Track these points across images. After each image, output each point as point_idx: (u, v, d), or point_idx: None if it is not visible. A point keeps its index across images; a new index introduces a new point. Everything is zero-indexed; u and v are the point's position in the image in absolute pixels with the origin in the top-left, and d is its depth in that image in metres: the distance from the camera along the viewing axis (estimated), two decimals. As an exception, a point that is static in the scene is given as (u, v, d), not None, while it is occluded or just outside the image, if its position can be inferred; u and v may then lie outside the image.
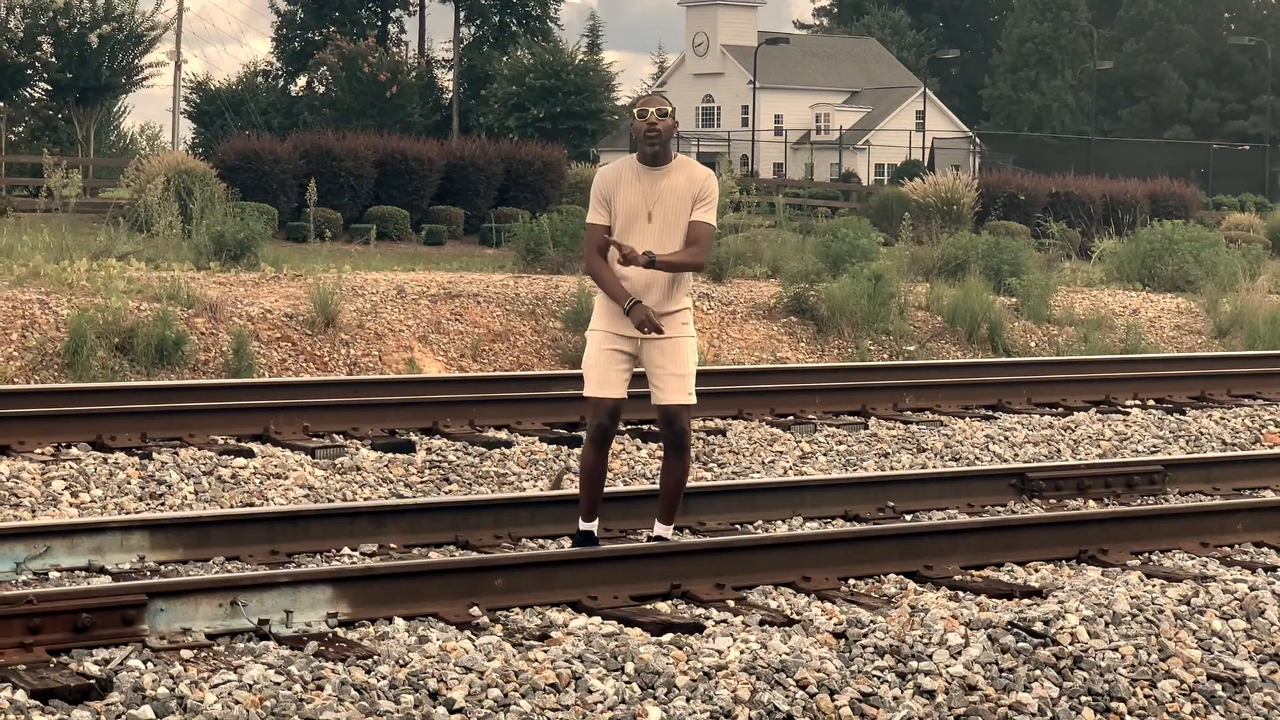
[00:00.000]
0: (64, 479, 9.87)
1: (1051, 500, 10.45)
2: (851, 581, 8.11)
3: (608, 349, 8.18)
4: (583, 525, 8.40)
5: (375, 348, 18.44)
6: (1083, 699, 6.46)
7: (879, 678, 6.42)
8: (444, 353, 18.90)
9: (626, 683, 6.20)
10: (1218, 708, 6.56)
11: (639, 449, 11.58)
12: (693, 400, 8.28)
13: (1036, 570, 8.52)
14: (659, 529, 8.46)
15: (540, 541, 8.87)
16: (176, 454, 10.57)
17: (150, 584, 6.87)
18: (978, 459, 12.18)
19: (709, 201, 8.17)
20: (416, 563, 7.68)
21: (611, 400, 8.19)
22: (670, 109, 8.17)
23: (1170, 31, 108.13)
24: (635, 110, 8.18)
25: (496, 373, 17.84)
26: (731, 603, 7.61)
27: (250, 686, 5.97)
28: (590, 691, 6.10)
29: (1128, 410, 14.24)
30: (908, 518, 9.86)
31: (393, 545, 8.64)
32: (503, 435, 11.87)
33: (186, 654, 6.49)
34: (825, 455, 11.94)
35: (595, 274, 8.25)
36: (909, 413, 13.67)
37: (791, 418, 13.08)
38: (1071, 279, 27.99)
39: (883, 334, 21.70)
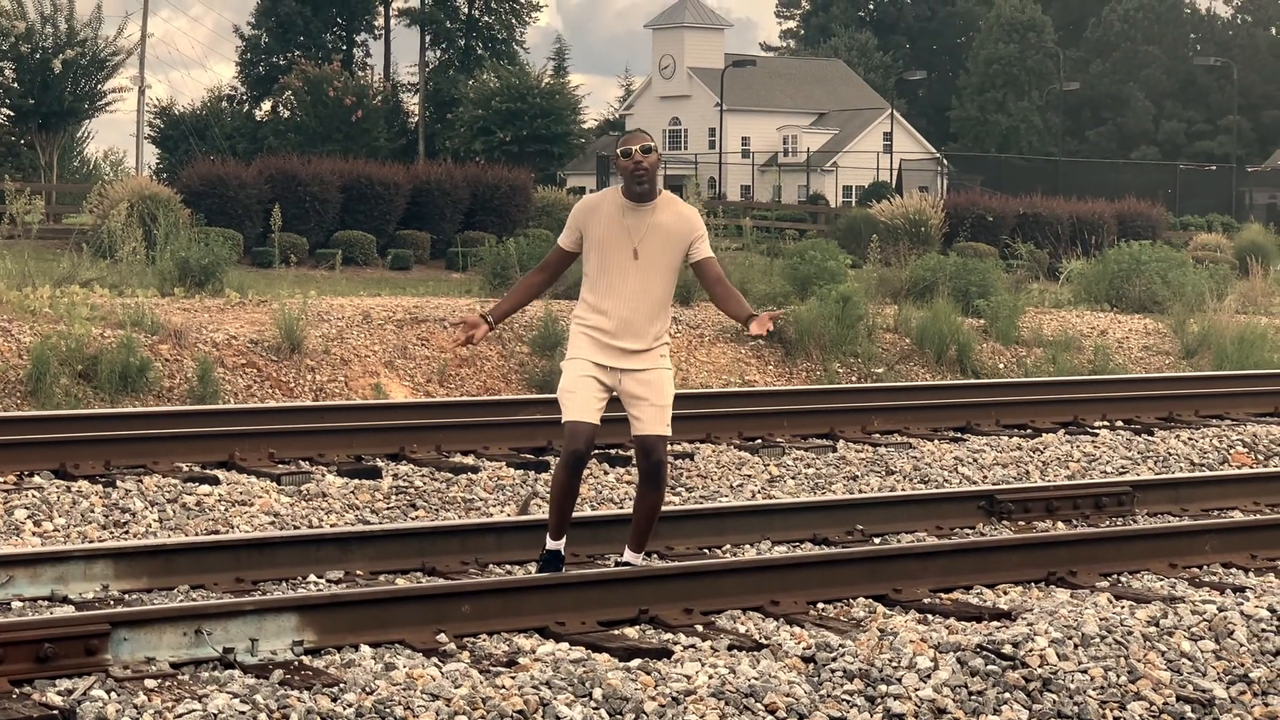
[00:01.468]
0: (26, 508, 9.83)
1: (1020, 522, 10.48)
2: (820, 605, 8.12)
3: (585, 376, 8.20)
4: (550, 544, 8.38)
5: (341, 373, 18.42)
6: (1052, 721, 6.47)
7: (848, 701, 6.43)
8: (410, 378, 18.88)
9: (594, 709, 6.19)
10: (1187, 729, 6.58)
11: (606, 473, 11.58)
12: (669, 431, 8.30)
13: (1005, 592, 8.54)
14: (628, 555, 8.45)
15: (507, 567, 8.86)
16: (141, 482, 10.53)
17: (114, 613, 6.84)
18: (946, 481, 12.21)
19: (704, 237, 8.31)
20: (383, 589, 7.66)
21: (588, 426, 8.20)
22: (654, 144, 8.24)
23: (1136, 53, 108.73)
24: (619, 149, 8.21)
25: (463, 398, 17.83)
26: (700, 627, 7.61)
27: (215, 716, 5.94)
28: (558, 718, 6.10)
29: (1096, 431, 14.28)
30: (876, 541, 9.88)
31: (359, 572, 8.63)
32: (469, 460, 11.86)
33: (150, 683, 6.46)
34: (793, 478, 11.95)
35: (517, 283, 8.53)
36: (877, 435, 13.68)
37: (759, 441, 13.08)
38: (1039, 300, 28.09)
39: (851, 356, 21.75)
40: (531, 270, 8.48)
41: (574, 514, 8.56)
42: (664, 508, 9.86)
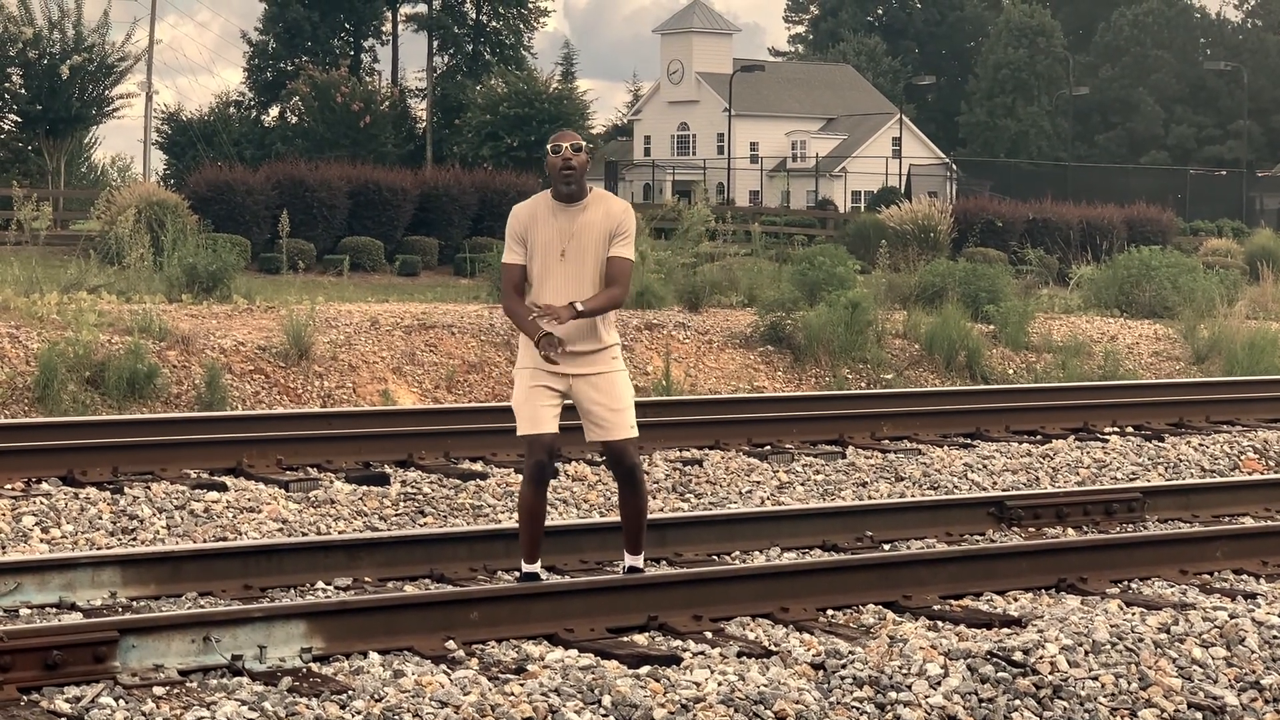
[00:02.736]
0: (34, 514, 9.84)
1: (1030, 528, 10.47)
2: (830, 612, 8.11)
3: (535, 386, 8.16)
4: (525, 568, 8.32)
5: (349, 379, 18.43)
6: (1063, 729, 6.47)
7: (858, 709, 6.42)
8: (418, 384, 18.89)
9: (604, 716, 6.20)
10: (1198, 736, 6.57)
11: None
12: (636, 433, 8.27)
13: (1015, 599, 8.53)
14: (630, 560, 8.45)
15: (516, 573, 8.85)
16: (148, 488, 10.54)
17: (122, 620, 6.85)
18: (956, 488, 12.20)
19: (627, 236, 8.20)
20: (391, 596, 7.67)
21: (547, 436, 8.16)
22: (584, 145, 8.22)
23: (1146, 57, 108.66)
24: (549, 146, 8.20)
25: (471, 404, 17.82)
26: (709, 634, 7.60)
27: (223, 723, 5.95)
28: (567, 725, 6.10)
29: (1106, 437, 14.27)
30: (886, 547, 9.87)
31: (367, 579, 8.63)
32: (478, 467, 11.86)
33: (159, 691, 6.47)
34: (803, 485, 11.94)
35: (511, 313, 8.26)
36: (887, 441, 13.68)
37: (768, 447, 13.08)
38: (1049, 306, 28.07)
39: (860, 362, 21.74)
40: (511, 302, 8.21)
41: (582, 520, 8.56)
42: (673, 514, 9.88)
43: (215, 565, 8.40)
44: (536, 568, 8.31)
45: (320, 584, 8.51)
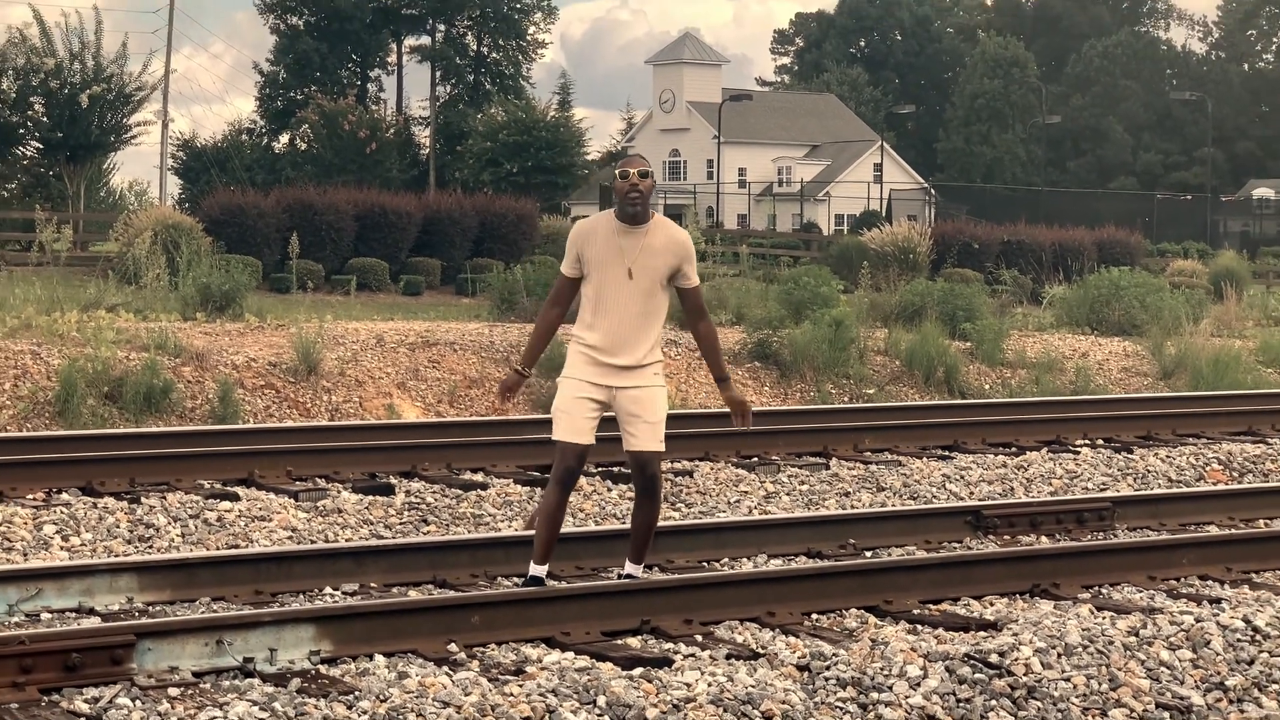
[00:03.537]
0: (55, 523, 9.82)
1: (1005, 536, 10.47)
2: (814, 616, 8.11)
3: (580, 396, 8.17)
4: (534, 569, 8.29)
5: (356, 394, 18.41)
6: (1037, 727, 6.46)
7: (841, 709, 6.42)
8: (422, 399, 18.87)
9: (599, 716, 6.19)
10: (1166, 735, 6.57)
11: (609, 490, 11.56)
12: (663, 447, 8.28)
13: (991, 604, 8.53)
14: (629, 568, 8.44)
15: (515, 579, 8.85)
16: (164, 498, 10.53)
17: (138, 624, 6.83)
18: (934, 497, 12.20)
19: (693, 264, 8.29)
20: (396, 601, 7.65)
21: (580, 445, 8.18)
22: (650, 170, 8.22)
23: (1115, 87, 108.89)
24: (617, 171, 8.17)
25: (472, 418, 17.80)
26: (699, 637, 7.60)
27: (235, 723, 5.94)
28: (564, 724, 6.09)
29: (1078, 449, 14.27)
30: (868, 554, 9.87)
31: (373, 584, 8.62)
32: (478, 478, 11.85)
33: (174, 692, 6.45)
34: (788, 495, 11.94)
35: (537, 321, 8.37)
36: (868, 453, 13.67)
37: (756, 459, 13.07)
38: (1023, 324, 28.07)
39: (843, 378, 21.73)
40: (545, 307, 8.33)
41: (579, 528, 8.55)
42: (665, 522, 9.87)
43: (228, 572, 8.39)
44: (544, 571, 8.28)
45: (328, 589, 8.50)
